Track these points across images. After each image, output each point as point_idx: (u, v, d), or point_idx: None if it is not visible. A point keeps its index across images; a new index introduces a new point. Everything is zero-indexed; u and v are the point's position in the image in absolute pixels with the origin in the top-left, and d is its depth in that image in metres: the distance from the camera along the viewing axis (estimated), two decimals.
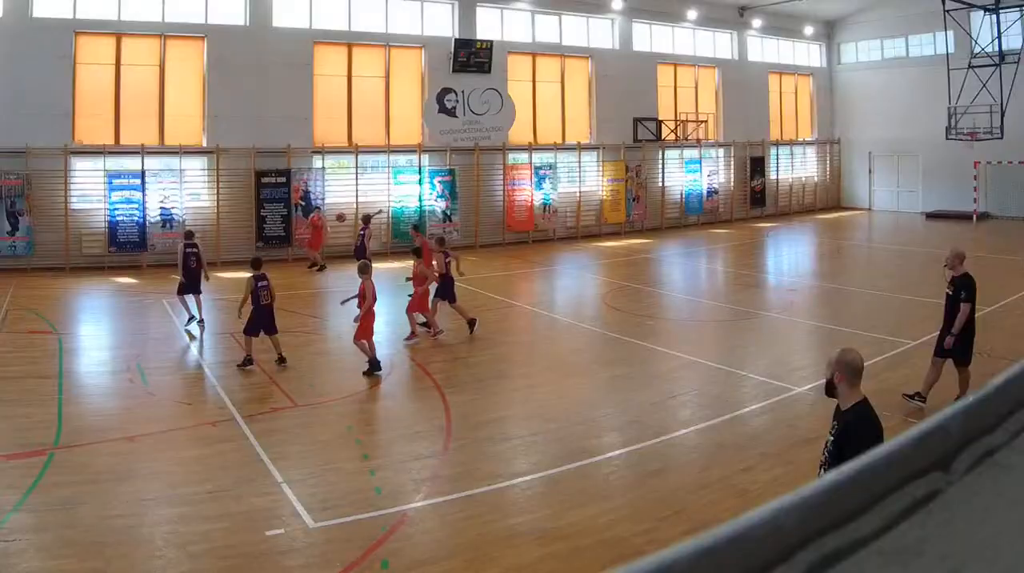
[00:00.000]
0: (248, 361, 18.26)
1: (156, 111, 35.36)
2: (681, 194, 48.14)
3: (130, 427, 14.36)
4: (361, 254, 29.29)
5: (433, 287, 21.69)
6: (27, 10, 32.94)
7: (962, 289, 14.58)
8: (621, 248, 40.11)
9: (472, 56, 40.68)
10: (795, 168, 54.27)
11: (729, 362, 18.73)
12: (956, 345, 14.65)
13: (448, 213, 40.01)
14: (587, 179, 44.49)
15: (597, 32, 45.54)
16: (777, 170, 52.86)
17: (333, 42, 38.59)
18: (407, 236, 37.02)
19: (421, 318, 21.49)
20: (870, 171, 54.40)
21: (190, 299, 22.79)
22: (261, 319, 18.61)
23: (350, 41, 38.88)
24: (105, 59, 34.61)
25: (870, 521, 1.25)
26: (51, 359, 18.86)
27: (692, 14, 47.42)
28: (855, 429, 7.44)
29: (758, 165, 51.16)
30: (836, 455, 7.50)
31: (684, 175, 48.15)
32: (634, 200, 45.46)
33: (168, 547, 10.12)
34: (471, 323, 21.77)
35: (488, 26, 41.98)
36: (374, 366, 17.71)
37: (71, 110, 33.75)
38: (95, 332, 22.95)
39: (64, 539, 10.16)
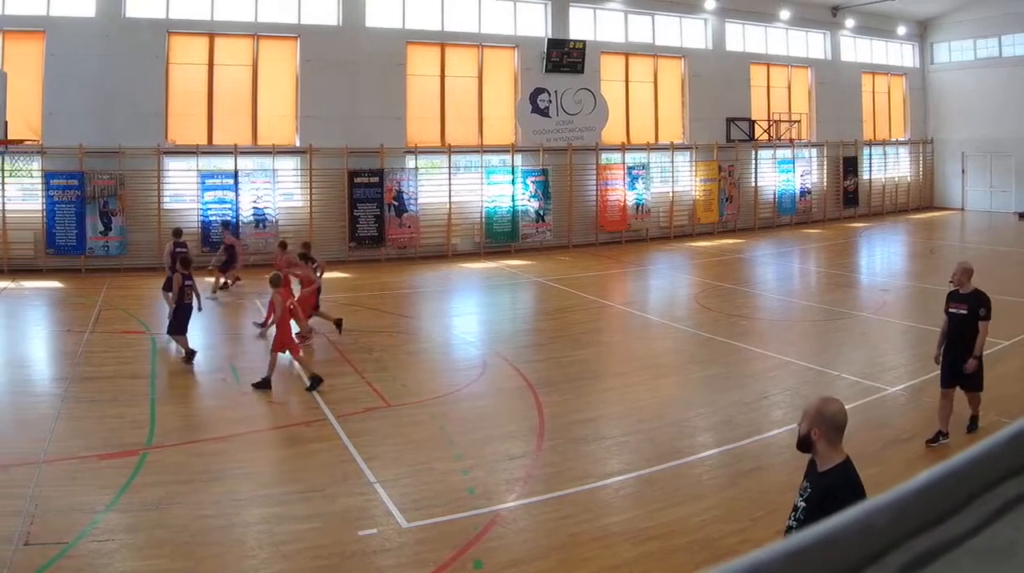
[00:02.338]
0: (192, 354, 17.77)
1: (249, 111, 33.19)
2: (774, 194, 44.93)
3: (223, 427, 13.98)
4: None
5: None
6: (120, 10, 30.93)
7: (980, 307, 12.74)
8: (713, 248, 37.69)
9: (565, 56, 37.87)
10: (888, 168, 50.58)
11: (821, 362, 17.81)
12: (974, 366, 12.65)
13: (541, 213, 37.26)
14: (680, 179, 41.50)
15: (690, 32, 42.36)
16: (870, 170, 49.22)
17: (426, 42, 36.05)
18: (501, 236, 35.44)
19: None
20: (963, 171, 50.53)
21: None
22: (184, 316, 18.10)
23: (443, 41, 36.33)
24: (198, 59, 32.44)
25: (962, 521, 1.21)
26: (144, 359, 18.06)
27: (785, 14, 44.04)
28: (836, 496, 5.96)
29: (851, 165, 47.60)
30: (808, 520, 5.93)
31: (777, 175, 45.00)
32: (727, 200, 42.41)
33: (260, 547, 9.80)
34: (338, 323, 20.36)
35: (581, 26, 39.14)
36: (265, 384, 16.08)
37: (164, 110, 31.66)
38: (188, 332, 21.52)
39: (156, 539, 9.81)
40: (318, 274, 20.73)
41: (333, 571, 9.26)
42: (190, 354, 17.80)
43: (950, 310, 12.99)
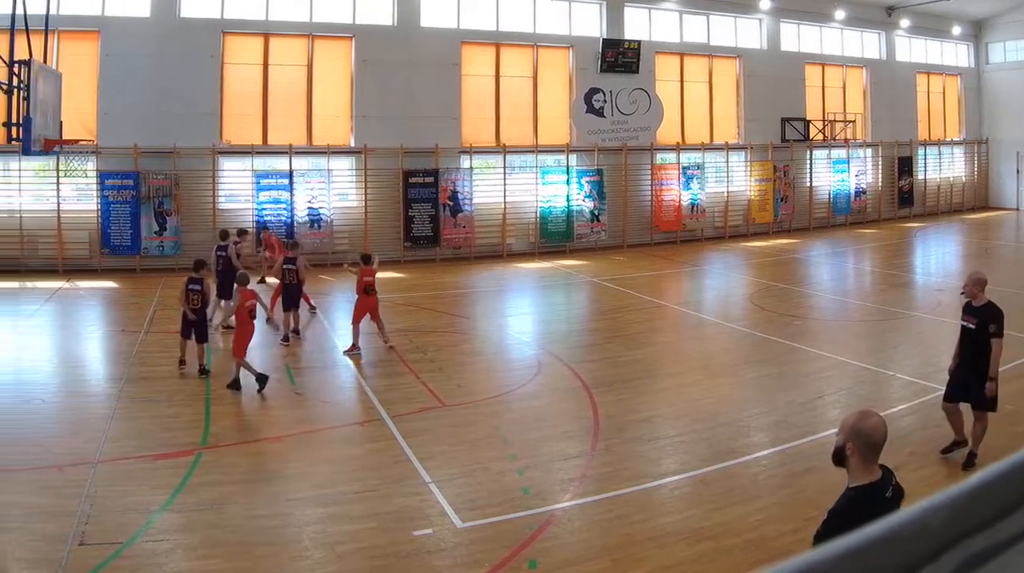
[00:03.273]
0: (181, 362, 16.71)
1: (304, 111, 31.82)
2: (829, 194, 42.79)
3: (278, 427, 13.70)
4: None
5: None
6: (175, 10, 29.72)
7: (992, 321, 11.44)
8: (768, 248, 36.16)
9: (620, 56, 36.16)
10: (943, 168, 48.24)
11: (877, 362, 17.12)
12: (993, 390, 11.38)
13: (596, 213, 35.58)
14: (735, 179, 39.64)
15: (745, 32, 40.33)
16: (925, 170, 46.84)
17: (481, 42, 34.48)
18: (555, 236, 33.99)
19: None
20: (1018, 171, 47.93)
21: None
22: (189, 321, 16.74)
23: (498, 41, 34.72)
24: (253, 59, 31.12)
25: (1017, 521, 1.18)
26: (204, 356, 16.88)
27: (840, 14, 41.89)
28: (837, 519, 5.67)
29: (906, 165, 45.32)
30: (818, 536, 5.82)
31: (832, 175, 42.87)
32: (782, 200, 40.42)
33: (315, 547, 9.51)
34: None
35: (636, 26, 37.28)
36: (235, 385, 15.48)
37: (219, 110, 30.41)
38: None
39: (211, 539, 9.57)
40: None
41: (388, 571, 8.98)
42: (201, 369, 16.50)
43: (961, 322, 11.94)
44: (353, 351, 17.97)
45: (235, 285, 16.71)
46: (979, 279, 11.78)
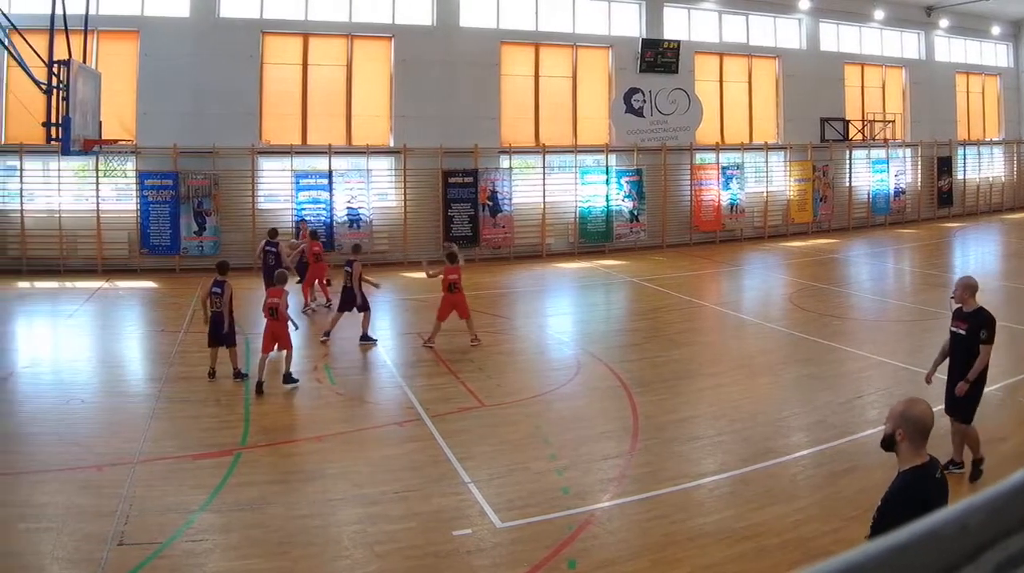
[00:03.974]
0: (211, 374, 15.54)
1: (343, 111, 30.67)
2: (868, 194, 41.07)
3: (317, 427, 13.18)
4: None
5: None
6: (214, 10, 28.67)
7: (982, 328, 10.74)
8: (808, 248, 34.81)
9: (659, 56, 34.70)
10: (982, 168, 46.32)
11: (916, 362, 15.65)
12: (965, 395, 10.69)
13: (635, 213, 34.18)
14: (774, 179, 38.03)
15: (784, 32, 38.70)
16: (964, 170, 44.97)
17: (520, 42, 33.15)
18: (595, 236, 32.83)
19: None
20: None
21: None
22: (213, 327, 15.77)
23: (537, 41, 33.37)
24: (292, 59, 30.02)
25: None
26: (238, 359, 16.18)
27: (879, 14, 40.17)
28: (889, 500, 5.78)
29: (945, 165, 43.47)
30: (875, 523, 5.83)
31: (871, 175, 41.14)
32: (821, 200, 38.77)
33: (355, 547, 9.22)
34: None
35: (675, 26, 35.82)
36: (287, 379, 15.18)
37: (258, 110, 29.35)
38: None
39: (251, 539, 9.28)
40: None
41: (427, 571, 8.72)
42: (211, 373, 15.66)
43: (951, 328, 11.20)
44: (429, 342, 17.92)
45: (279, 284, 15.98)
46: (967, 284, 11.16)
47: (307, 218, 28.08)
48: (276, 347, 15.25)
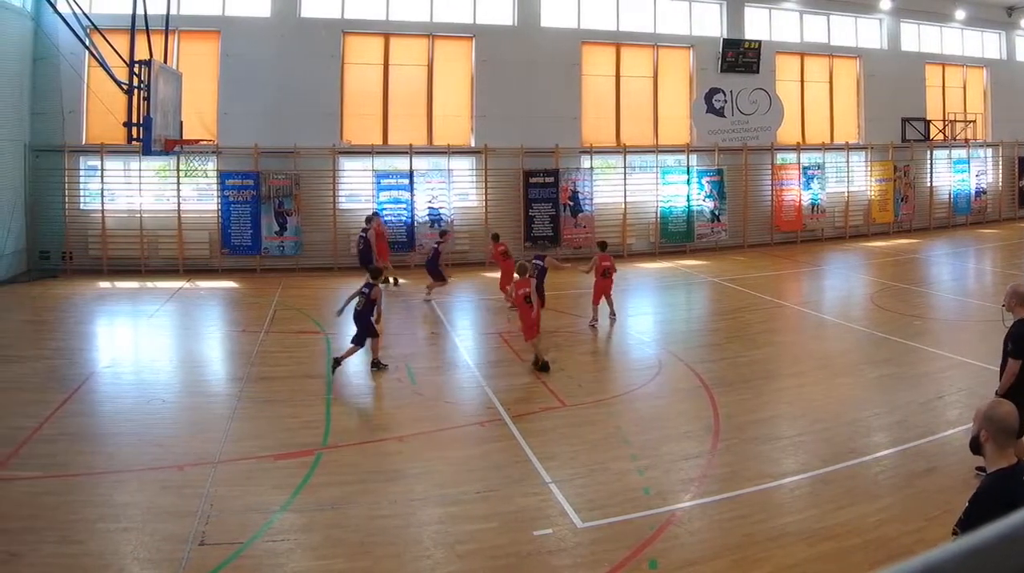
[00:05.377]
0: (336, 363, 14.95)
1: (424, 111, 28.24)
2: (949, 194, 37.65)
3: (398, 427, 12.46)
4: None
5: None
6: (295, 10, 26.46)
7: (1012, 339, 9.82)
8: (889, 248, 32.13)
9: (740, 56, 31.79)
10: None
11: (998, 363, 13.15)
12: None
13: (716, 213, 31.34)
14: (855, 179, 34.93)
15: (865, 32, 35.45)
16: None
17: (601, 42, 30.43)
18: (676, 236, 30.10)
19: None
20: None
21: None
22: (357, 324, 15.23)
23: (618, 41, 30.62)
24: (373, 59, 27.70)
25: None
26: (319, 359, 15.97)
27: (960, 14, 36.53)
28: (977, 501, 5.48)
29: None
30: (962, 524, 5.62)
31: (952, 175, 37.77)
32: (902, 200, 35.59)
33: (436, 547, 8.60)
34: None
35: (756, 26, 32.92)
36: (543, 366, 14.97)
37: (339, 110, 27.10)
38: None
39: (331, 539, 8.64)
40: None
41: (508, 571, 8.13)
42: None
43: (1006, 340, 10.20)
44: (594, 322, 18.60)
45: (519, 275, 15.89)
46: (1017, 291, 10.11)
47: (378, 211, 26.21)
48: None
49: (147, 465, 10.54)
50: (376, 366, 15.06)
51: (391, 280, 23.52)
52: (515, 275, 16.01)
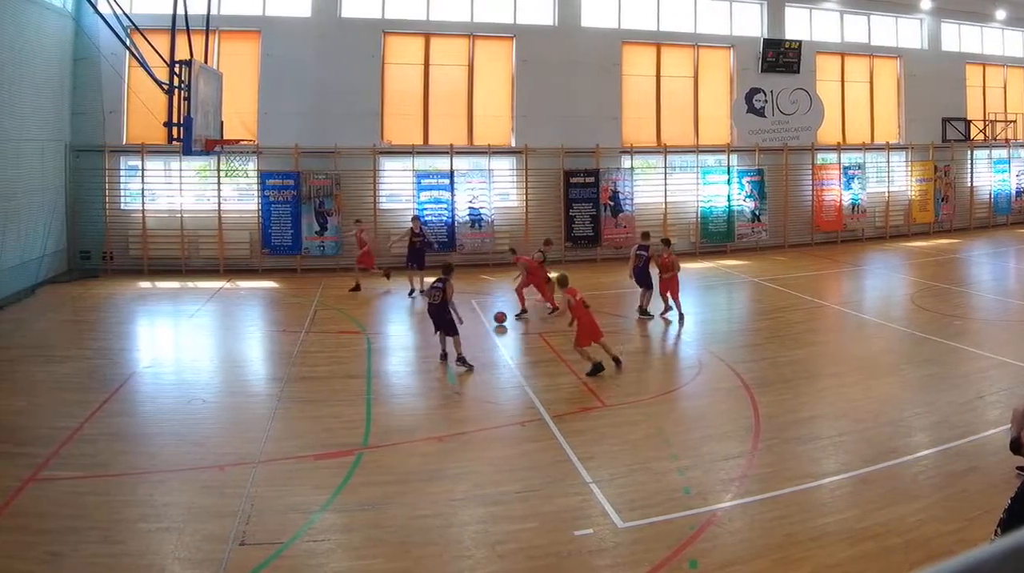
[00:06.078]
0: (443, 357, 15.23)
1: (464, 111, 27.08)
2: (989, 194, 36.07)
3: (438, 427, 11.96)
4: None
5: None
6: (335, 10, 25.38)
7: None
8: (929, 248, 30.82)
9: (781, 56, 30.33)
10: None
11: None
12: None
13: (757, 213, 29.99)
14: (896, 179, 33.38)
15: (906, 32, 33.87)
16: None
17: (642, 42, 29.09)
18: (716, 236, 28.84)
19: None
20: None
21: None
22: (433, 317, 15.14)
23: (658, 41, 29.27)
24: (413, 59, 26.53)
25: None
26: (359, 359, 15.52)
27: (1000, 14, 34.75)
28: (1020, 501, 5.67)
29: None
30: (1006, 521, 5.80)
31: (992, 175, 36.22)
32: (943, 200, 34.07)
33: (476, 547, 8.28)
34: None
35: (796, 26, 31.48)
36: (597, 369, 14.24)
37: (379, 110, 25.96)
38: (403, 332, 18.70)
39: (372, 539, 8.34)
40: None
41: (549, 571, 7.78)
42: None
43: None
44: (666, 313, 18.71)
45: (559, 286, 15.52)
46: None
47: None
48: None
49: (188, 465, 10.23)
50: (461, 362, 14.54)
51: (358, 285, 22.49)
52: (555, 283, 15.45)
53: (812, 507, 9.21)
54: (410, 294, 21.54)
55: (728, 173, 29.97)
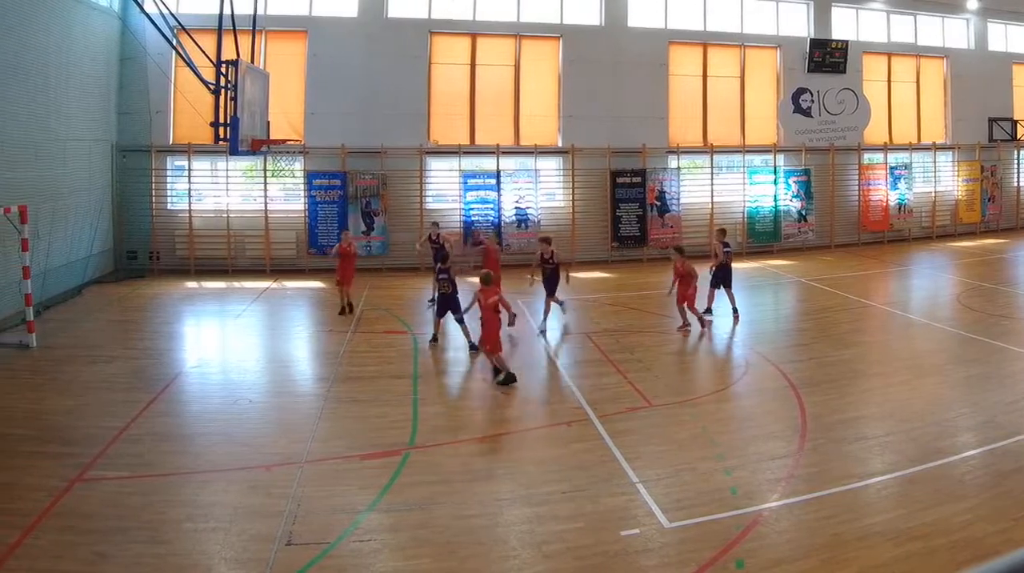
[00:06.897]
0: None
1: (511, 111, 25.81)
2: None
3: (485, 427, 11.61)
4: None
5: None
6: (382, 10, 24.28)
7: None
8: (976, 248, 29.33)
9: (827, 56, 28.81)
10: None
11: None
12: None
13: (803, 213, 28.49)
14: (942, 179, 31.77)
15: (952, 32, 32.21)
16: None
17: (688, 42, 27.69)
18: (763, 236, 27.38)
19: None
20: None
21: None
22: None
23: (705, 41, 27.86)
24: (460, 59, 25.33)
25: None
26: (406, 359, 14.95)
27: None
28: None
29: None
30: None
31: None
32: (989, 200, 32.42)
33: (523, 547, 7.93)
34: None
35: (843, 26, 29.97)
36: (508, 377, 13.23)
37: (426, 110, 24.79)
38: (449, 331, 17.33)
39: (418, 539, 8.03)
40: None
41: (596, 571, 7.42)
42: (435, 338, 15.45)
43: None
44: (685, 328, 17.09)
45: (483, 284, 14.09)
46: None
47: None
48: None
49: (234, 465, 9.91)
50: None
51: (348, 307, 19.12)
52: (481, 283, 13.81)
53: (858, 507, 8.84)
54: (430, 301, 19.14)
55: (775, 173, 28.51)
